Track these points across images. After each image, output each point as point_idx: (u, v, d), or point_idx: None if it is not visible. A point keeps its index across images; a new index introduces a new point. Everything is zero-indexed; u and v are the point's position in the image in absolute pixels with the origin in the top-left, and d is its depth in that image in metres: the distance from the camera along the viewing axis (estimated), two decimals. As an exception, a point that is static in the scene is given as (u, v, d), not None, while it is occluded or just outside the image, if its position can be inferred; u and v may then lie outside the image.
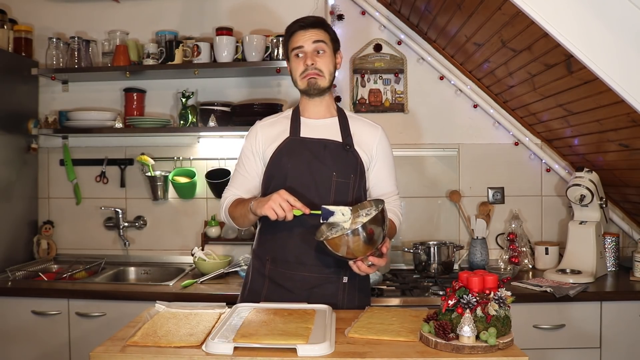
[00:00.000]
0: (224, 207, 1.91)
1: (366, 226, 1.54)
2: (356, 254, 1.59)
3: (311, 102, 1.90)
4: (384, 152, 1.93)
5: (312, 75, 1.83)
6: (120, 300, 2.35)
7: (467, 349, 1.28)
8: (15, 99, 2.81)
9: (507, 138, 2.96)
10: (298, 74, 1.86)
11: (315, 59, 1.82)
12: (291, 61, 1.88)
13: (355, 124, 1.92)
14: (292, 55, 1.87)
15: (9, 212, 2.76)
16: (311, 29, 1.84)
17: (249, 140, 1.93)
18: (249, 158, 1.91)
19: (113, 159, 3.00)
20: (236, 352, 1.29)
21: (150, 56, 2.78)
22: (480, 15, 2.22)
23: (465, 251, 2.89)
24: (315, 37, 1.83)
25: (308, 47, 1.83)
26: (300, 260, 1.81)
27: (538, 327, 2.30)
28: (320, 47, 1.83)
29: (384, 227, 1.58)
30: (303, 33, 1.84)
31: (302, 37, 1.83)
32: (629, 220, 2.90)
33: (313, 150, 1.83)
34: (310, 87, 1.84)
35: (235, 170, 1.97)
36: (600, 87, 1.89)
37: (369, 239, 1.55)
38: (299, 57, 1.84)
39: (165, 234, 3.00)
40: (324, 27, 1.87)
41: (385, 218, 1.59)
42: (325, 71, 1.84)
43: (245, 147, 1.94)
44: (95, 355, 1.30)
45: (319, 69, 1.83)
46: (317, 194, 1.79)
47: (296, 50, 1.84)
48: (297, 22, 1.87)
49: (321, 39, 1.84)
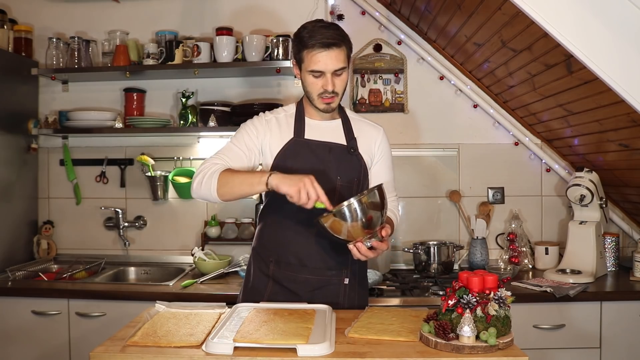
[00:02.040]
0: (211, 170, 1.73)
1: (362, 201, 1.52)
2: (355, 234, 1.56)
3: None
4: (384, 154, 1.93)
5: (329, 100, 1.77)
6: (120, 300, 2.35)
7: (467, 349, 1.28)
8: (15, 99, 2.81)
9: (507, 138, 2.96)
10: (315, 93, 1.77)
11: (335, 82, 1.74)
12: (306, 76, 1.76)
13: (358, 125, 1.90)
14: (308, 72, 1.75)
15: (9, 212, 2.76)
16: (333, 50, 1.71)
17: (259, 121, 1.86)
18: (251, 138, 1.83)
19: (113, 159, 3.00)
20: (236, 352, 1.29)
21: (150, 56, 2.78)
22: (480, 15, 2.22)
23: (465, 251, 2.89)
24: (337, 63, 1.72)
25: (328, 72, 1.72)
26: (303, 262, 1.80)
27: (538, 327, 2.30)
28: (339, 72, 1.74)
29: (383, 208, 1.57)
30: (325, 54, 1.70)
31: (323, 61, 1.71)
32: (629, 220, 2.90)
33: (318, 153, 1.81)
34: (325, 110, 1.80)
35: (230, 143, 1.86)
36: (600, 87, 1.89)
37: (366, 216, 1.53)
38: (316, 77, 1.75)
39: (165, 234, 3.00)
40: (343, 42, 1.74)
41: (384, 198, 1.58)
42: (341, 91, 1.78)
43: (250, 128, 1.85)
44: (95, 355, 1.30)
45: (337, 92, 1.76)
46: None
47: (315, 72, 1.73)
48: (316, 37, 1.70)
49: (342, 66, 1.73)
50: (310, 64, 1.73)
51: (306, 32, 1.74)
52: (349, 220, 1.54)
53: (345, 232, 1.56)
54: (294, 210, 1.77)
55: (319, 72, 1.73)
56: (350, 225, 1.54)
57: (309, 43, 1.71)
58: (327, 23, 1.77)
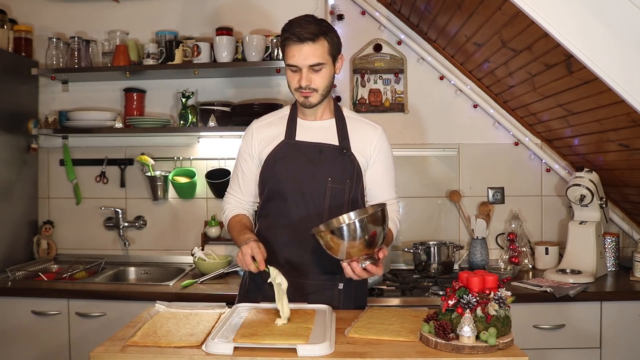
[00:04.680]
0: (224, 216, 1.93)
1: (364, 220, 1.49)
2: (351, 252, 1.52)
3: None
4: (382, 154, 1.86)
5: (305, 95, 1.74)
6: (120, 300, 2.35)
7: (467, 349, 1.28)
8: (15, 99, 2.81)
9: (507, 138, 2.96)
10: (292, 87, 1.76)
11: (311, 77, 1.71)
12: (287, 70, 1.76)
13: (354, 125, 1.85)
14: (287, 66, 1.75)
15: (9, 212, 2.75)
16: (308, 44, 1.68)
17: (245, 141, 1.89)
18: (246, 160, 1.88)
19: (113, 159, 3.00)
20: (236, 352, 1.29)
21: (150, 56, 2.78)
22: (480, 15, 2.22)
23: (465, 251, 2.89)
24: (312, 59, 1.69)
25: (303, 67, 1.71)
26: (296, 266, 1.78)
27: (538, 327, 2.30)
28: (316, 68, 1.71)
29: (383, 228, 1.53)
30: (298, 48, 1.68)
31: (298, 55, 1.69)
32: (629, 220, 2.90)
33: (308, 154, 1.79)
34: (303, 104, 1.78)
35: (233, 172, 1.95)
36: (600, 87, 1.89)
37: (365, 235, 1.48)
38: (294, 72, 1.74)
39: (165, 234, 3.00)
40: (323, 38, 1.70)
41: (385, 219, 1.53)
42: (321, 87, 1.74)
43: (242, 148, 1.90)
44: (95, 355, 1.30)
45: (314, 88, 1.73)
46: (311, 199, 1.77)
47: (291, 67, 1.72)
48: (291, 30, 1.70)
49: (318, 61, 1.69)
50: (287, 58, 1.74)
51: (287, 25, 1.75)
52: (347, 238, 1.49)
53: (342, 250, 1.51)
54: (287, 214, 1.78)
55: (294, 67, 1.72)
56: (347, 244, 1.49)
57: (284, 36, 1.73)
58: (312, 18, 1.74)
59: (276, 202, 1.81)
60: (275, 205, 1.81)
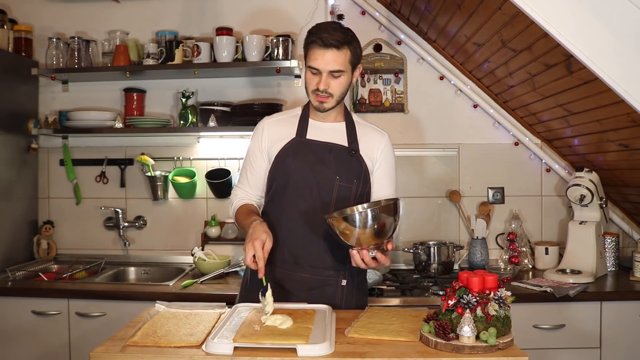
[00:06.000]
0: (232, 208, 1.93)
1: (377, 211, 1.55)
2: (361, 239, 1.57)
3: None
4: (387, 159, 1.92)
5: (321, 100, 1.80)
6: (120, 300, 2.35)
7: (467, 349, 1.28)
8: (15, 99, 2.81)
9: (507, 138, 2.96)
10: (310, 89, 1.81)
11: (329, 82, 1.77)
12: (306, 71, 1.81)
13: (363, 130, 1.91)
14: (307, 68, 1.80)
15: (9, 212, 2.75)
16: (332, 50, 1.73)
17: (256, 137, 1.92)
18: (256, 155, 1.91)
19: (113, 159, 3.00)
20: (236, 352, 1.29)
21: (150, 56, 2.77)
22: (480, 15, 2.22)
23: (465, 251, 2.89)
24: (333, 65, 1.74)
25: (324, 71, 1.76)
26: (299, 260, 1.81)
27: (538, 327, 2.30)
28: (336, 74, 1.77)
29: (395, 220, 1.59)
30: (322, 53, 1.74)
31: (321, 59, 1.75)
32: (629, 220, 2.90)
33: (318, 153, 1.83)
34: (318, 108, 1.83)
35: (243, 167, 1.97)
36: (600, 87, 1.89)
37: (378, 224, 1.55)
38: (314, 74, 1.78)
39: (165, 234, 3.00)
40: (347, 46, 1.76)
41: (397, 212, 1.60)
42: (337, 94, 1.80)
43: (253, 143, 1.93)
44: (95, 355, 1.30)
45: (330, 92, 1.78)
46: (319, 196, 1.80)
47: (312, 69, 1.78)
48: (318, 34, 1.75)
49: (338, 68, 1.75)
50: (309, 60, 1.79)
51: (314, 28, 1.80)
52: (359, 225, 1.55)
53: (353, 236, 1.57)
54: (294, 209, 1.81)
55: (315, 70, 1.77)
56: (359, 230, 1.56)
57: (310, 39, 1.78)
58: (339, 26, 1.79)
59: (284, 197, 1.84)
60: (283, 200, 1.84)
